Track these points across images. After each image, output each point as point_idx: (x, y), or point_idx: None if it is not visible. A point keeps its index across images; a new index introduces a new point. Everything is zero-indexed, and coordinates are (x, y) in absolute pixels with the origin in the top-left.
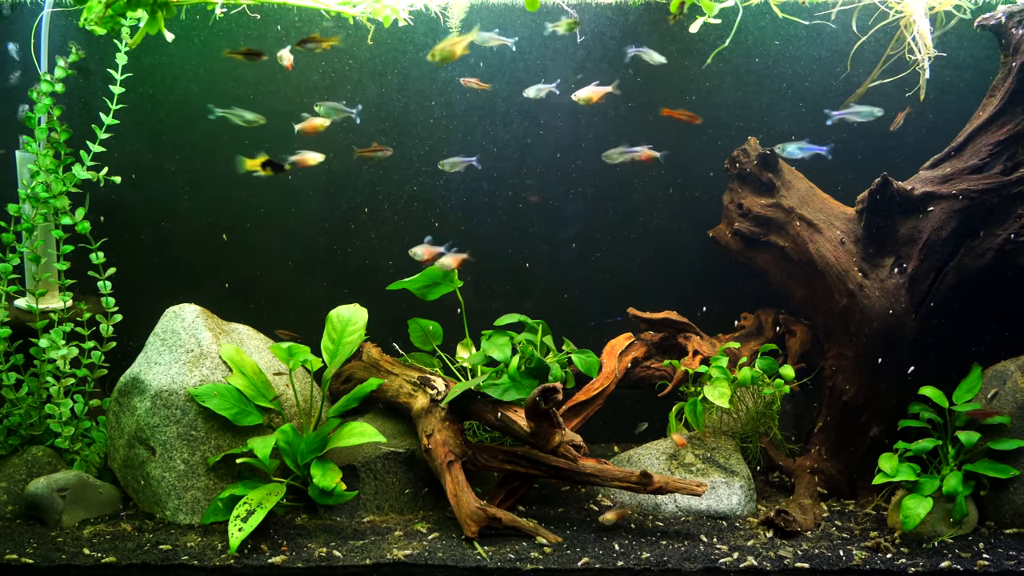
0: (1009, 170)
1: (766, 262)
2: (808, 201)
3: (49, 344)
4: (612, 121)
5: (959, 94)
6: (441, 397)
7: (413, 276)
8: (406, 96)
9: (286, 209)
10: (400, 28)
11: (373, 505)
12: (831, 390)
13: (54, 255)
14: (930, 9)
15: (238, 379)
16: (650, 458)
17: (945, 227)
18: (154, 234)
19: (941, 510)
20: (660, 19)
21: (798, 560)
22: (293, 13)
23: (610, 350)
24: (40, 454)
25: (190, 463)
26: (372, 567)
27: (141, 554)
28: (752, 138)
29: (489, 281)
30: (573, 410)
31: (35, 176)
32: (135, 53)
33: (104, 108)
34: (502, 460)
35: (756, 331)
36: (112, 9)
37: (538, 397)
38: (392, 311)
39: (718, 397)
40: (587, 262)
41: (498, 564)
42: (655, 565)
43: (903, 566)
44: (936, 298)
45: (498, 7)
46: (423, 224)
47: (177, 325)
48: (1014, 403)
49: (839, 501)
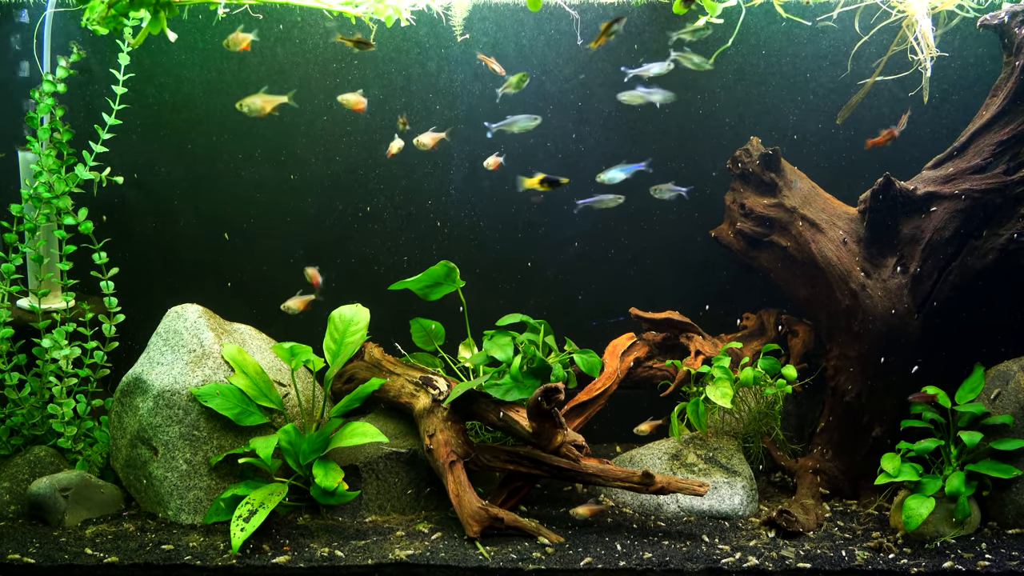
0: (1012, 170)
1: (768, 262)
2: (811, 201)
3: (52, 344)
4: (613, 121)
5: (962, 94)
6: (443, 397)
7: (415, 276)
8: (407, 96)
9: (288, 209)
10: (402, 28)
11: (375, 505)
12: (833, 390)
13: (57, 255)
14: (932, 9)
15: (240, 379)
16: (652, 458)
17: (948, 227)
18: (156, 234)
19: (944, 510)
20: (661, 19)
21: (800, 560)
22: (295, 13)
23: (612, 350)
24: (43, 454)
25: (192, 463)
26: (374, 567)
27: (143, 554)
28: (754, 138)
29: (491, 281)
30: (575, 410)
31: (38, 176)
32: (137, 53)
33: (107, 108)
34: (504, 460)
35: (758, 331)
36: (115, 9)
37: (540, 397)
38: (394, 311)
39: (720, 397)
40: (589, 262)
41: (500, 564)
42: (657, 565)
43: (905, 566)
44: (939, 298)
45: (500, 7)
46: (425, 224)
47: (179, 325)
48: (1017, 403)
49: (841, 501)
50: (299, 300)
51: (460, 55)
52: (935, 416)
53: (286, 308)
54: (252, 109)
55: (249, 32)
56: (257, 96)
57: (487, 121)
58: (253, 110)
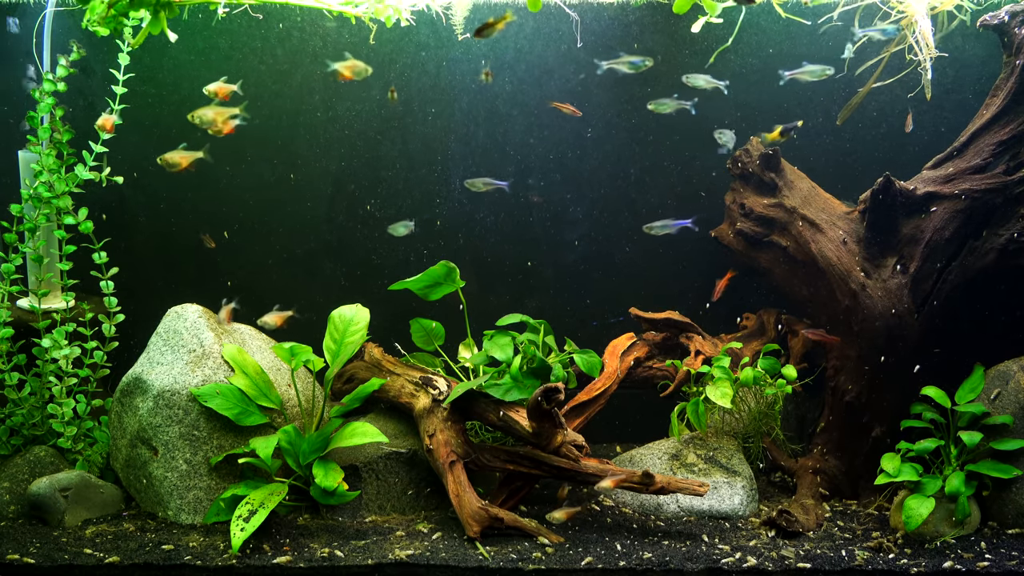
0: (1012, 170)
1: (768, 262)
2: (810, 201)
3: (52, 344)
4: (614, 122)
5: (962, 94)
6: (443, 397)
7: (415, 276)
8: (408, 96)
9: (288, 208)
10: (403, 28)
11: (375, 505)
12: (833, 390)
13: (56, 255)
14: (931, 9)
15: (240, 379)
16: (652, 458)
17: (948, 227)
18: (156, 234)
19: (944, 510)
20: (661, 19)
21: (800, 560)
22: (295, 13)
23: (612, 350)
24: (42, 454)
25: (192, 463)
26: (374, 567)
27: (143, 554)
28: (754, 138)
29: (491, 281)
30: (575, 410)
31: (38, 176)
32: (137, 53)
33: (107, 108)
34: (504, 460)
35: (758, 331)
36: (115, 9)
37: (540, 397)
38: (394, 311)
39: (720, 397)
40: (589, 262)
41: (500, 564)
42: (657, 565)
43: (905, 566)
44: (939, 298)
45: (500, 7)
46: (426, 223)
47: (179, 325)
48: (1017, 403)
49: (841, 501)
50: (276, 315)
51: (460, 56)
52: (935, 416)
53: (263, 323)
54: (204, 121)
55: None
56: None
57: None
58: (205, 122)
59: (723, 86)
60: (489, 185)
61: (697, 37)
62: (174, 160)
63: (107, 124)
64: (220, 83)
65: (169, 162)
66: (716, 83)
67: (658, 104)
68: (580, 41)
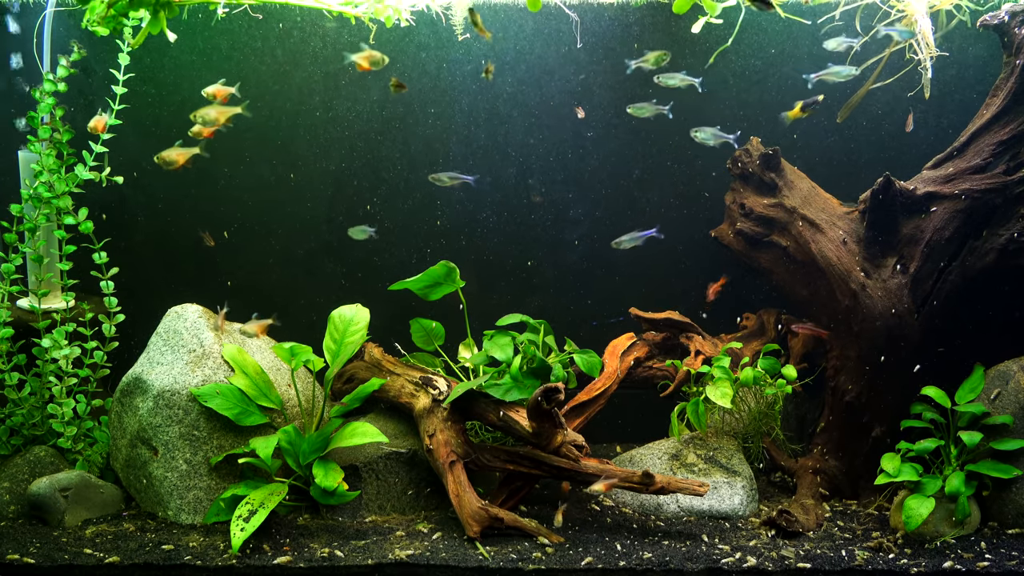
0: (1012, 170)
1: (768, 262)
2: (810, 201)
3: (52, 344)
4: (615, 121)
5: (962, 93)
6: (443, 397)
7: (415, 276)
8: (409, 96)
9: (288, 208)
10: (403, 28)
11: (375, 505)
12: (833, 390)
13: (56, 255)
14: (931, 8)
15: (240, 379)
16: (652, 458)
17: (948, 227)
18: (156, 234)
19: (944, 510)
20: (661, 19)
21: (800, 560)
22: (295, 13)
23: (612, 350)
24: (43, 454)
25: (192, 463)
26: (374, 567)
27: (143, 554)
28: (754, 138)
29: (492, 281)
30: (575, 410)
31: (38, 176)
32: (137, 53)
33: (107, 108)
34: (504, 460)
35: (758, 331)
36: (114, 9)
37: (540, 397)
38: (394, 311)
39: (720, 397)
40: (590, 262)
41: (500, 564)
42: (657, 565)
43: (905, 566)
44: (939, 298)
45: (500, 7)
46: (426, 223)
47: (179, 325)
48: (1017, 403)
49: (841, 501)
50: (256, 324)
51: (460, 56)
52: (935, 416)
53: (244, 332)
54: (206, 120)
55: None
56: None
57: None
58: (207, 121)
59: (697, 83)
60: (455, 179)
61: (697, 37)
62: (171, 158)
63: (99, 125)
64: (219, 85)
65: (166, 160)
66: (690, 80)
67: (637, 108)
68: (580, 42)
